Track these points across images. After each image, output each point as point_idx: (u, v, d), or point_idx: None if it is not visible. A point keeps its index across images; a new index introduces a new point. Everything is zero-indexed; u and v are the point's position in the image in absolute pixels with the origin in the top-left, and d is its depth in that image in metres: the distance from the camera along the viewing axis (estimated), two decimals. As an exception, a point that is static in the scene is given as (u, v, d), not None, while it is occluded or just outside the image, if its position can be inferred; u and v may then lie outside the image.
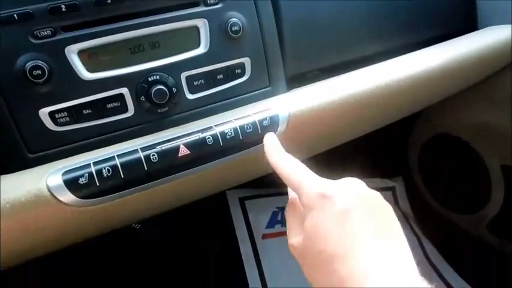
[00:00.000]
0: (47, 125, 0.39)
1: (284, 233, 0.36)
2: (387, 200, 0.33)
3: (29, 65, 0.37)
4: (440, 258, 0.96)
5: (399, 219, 0.31)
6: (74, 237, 0.44)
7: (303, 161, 0.38)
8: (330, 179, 0.34)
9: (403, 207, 1.07)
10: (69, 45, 0.39)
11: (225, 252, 0.91)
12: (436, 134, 0.95)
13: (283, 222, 0.94)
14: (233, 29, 0.44)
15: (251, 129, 0.43)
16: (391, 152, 1.09)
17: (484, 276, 0.87)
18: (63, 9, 0.38)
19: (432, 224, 1.02)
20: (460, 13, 0.64)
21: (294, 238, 0.34)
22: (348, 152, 0.59)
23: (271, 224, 0.95)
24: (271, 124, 0.44)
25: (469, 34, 0.64)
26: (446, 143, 0.93)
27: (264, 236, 0.92)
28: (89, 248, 0.66)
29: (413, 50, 0.59)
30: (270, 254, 0.90)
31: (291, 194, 0.40)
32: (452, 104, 0.79)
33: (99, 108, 0.41)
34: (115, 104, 0.41)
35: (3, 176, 0.38)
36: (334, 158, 0.55)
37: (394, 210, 0.32)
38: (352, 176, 0.34)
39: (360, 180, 0.34)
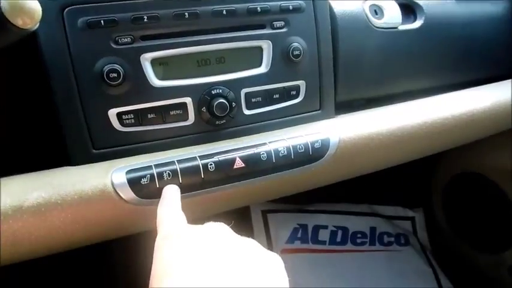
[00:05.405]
0: (113, 124, 0.42)
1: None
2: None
3: (107, 67, 0.39)
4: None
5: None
6: (120, 232, 0.46)
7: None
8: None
9: (421, 238, 1.07)
10: (144, 53, 0.41)
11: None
12: (463, 171, 0.96)
13: (303, 239, 0.95)
14: (294, 53, 0.47)
15: (303, 150, 0.45)
16: (415, 183, 1.10)
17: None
18: (145, 20, 0.41)
19: (450, 259, 1.02)
20: (509, 57, 0.66)
21: None
22: (373, 175, 0.60)
23: (291, 239, 0.95)
24: (322, 147, 0.46)
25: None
26: (473, 181, 0.93)
27: (283, 251, 0.92)
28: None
29: (459, 89, 0.60)
30: (287, 269, 0.90)
31: None
32: (482, 144, 0.79)
33: (162, 114, 0.43)
34: (177, 112, 0.44)
35: (71, 168, 0.40)
36: (358, 179, 0.57)
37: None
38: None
39: (223, 227, 0.34)
